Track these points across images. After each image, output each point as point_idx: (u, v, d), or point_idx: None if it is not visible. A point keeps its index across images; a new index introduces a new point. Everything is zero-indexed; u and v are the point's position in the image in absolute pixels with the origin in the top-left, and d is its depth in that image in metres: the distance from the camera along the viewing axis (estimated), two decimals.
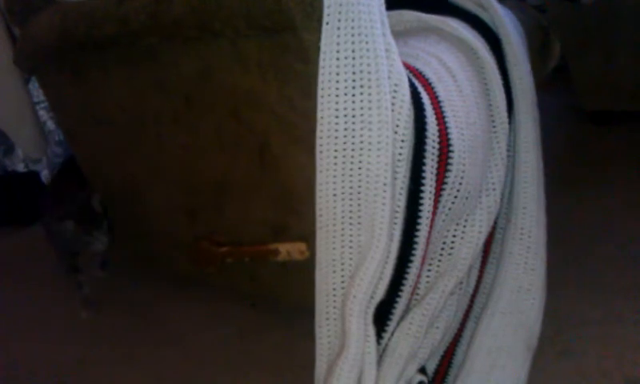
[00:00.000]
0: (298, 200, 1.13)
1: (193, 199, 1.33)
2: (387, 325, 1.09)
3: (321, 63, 0.98)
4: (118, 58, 1.26)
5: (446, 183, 1.10)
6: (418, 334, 1.09)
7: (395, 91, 1.02)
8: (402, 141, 1.02)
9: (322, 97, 0.99)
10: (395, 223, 1.03)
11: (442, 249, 1.16)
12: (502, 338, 1.16)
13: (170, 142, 1.29)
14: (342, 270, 1.04)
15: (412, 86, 1.07)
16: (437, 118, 1.08)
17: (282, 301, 1.37)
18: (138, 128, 1.33)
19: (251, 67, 1.08)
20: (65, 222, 1.50)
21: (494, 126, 1.28)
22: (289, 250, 1.14)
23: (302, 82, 1.02)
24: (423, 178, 1.06)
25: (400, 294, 1.08)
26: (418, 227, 1.06)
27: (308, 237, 1.12)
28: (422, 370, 1.13)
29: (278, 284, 1.31)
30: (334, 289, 1.05)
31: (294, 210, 1.14)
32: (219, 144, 1.19)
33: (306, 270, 1.08)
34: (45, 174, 2.12)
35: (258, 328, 1.38)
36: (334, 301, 1.05)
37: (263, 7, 1.00)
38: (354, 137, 0.99)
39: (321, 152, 1.01)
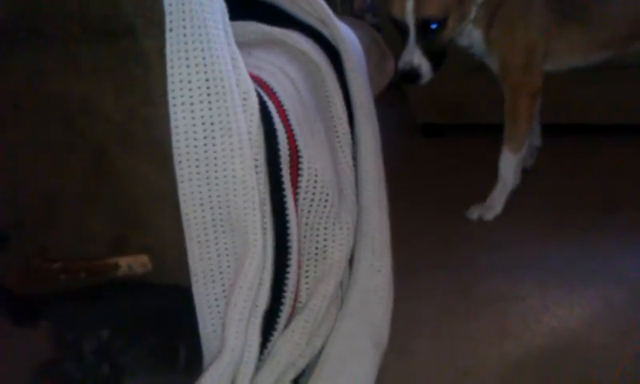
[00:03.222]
0: (139, 211, 1.08)
1: (21, 213, 1.22)
2: (272, 335, 1.08)
3: (169, 71, 0.95)
4: None
5: (299, 187, 1.13)
6: (299, 341, 1.10)
7: (245, 100, 1.03)
8: (258, 147, 1.03)
9: (175, 106, 0.96)
10: (265, 228, 1.03)
11: (316, 254, 1.18)
12: (350, 339, 1.20)
13: None
14: (222, 279, 1.02)
15: (258, 95, 1.08)
16: (283, 125, 1.11)
17: None
18: None
19: (86, 73, 1.01)
20: None
21: (337, 136, 1.34)
22: (130, 263, 1.09)
23: (142, 88, 0.98)
24: (283, 182, 1.08)
25: (283, 301, 1.08)
26: (289, 231, 1.08)
27: (151, 248, 1.07)
28: (295, 381, 1.13)
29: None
30: (217, 299, 1.02)
31: (136, 222, 1.09)
32: (51, 154, 1.11)
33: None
34: None
35: None
36: (218, 312, 1.02)
37: (99, 11, 0.94)
38: (214, 144, 0.98)
39: (180, 162, 0.98)
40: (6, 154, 1.15)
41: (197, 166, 0.98)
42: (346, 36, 1.42)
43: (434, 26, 1.66)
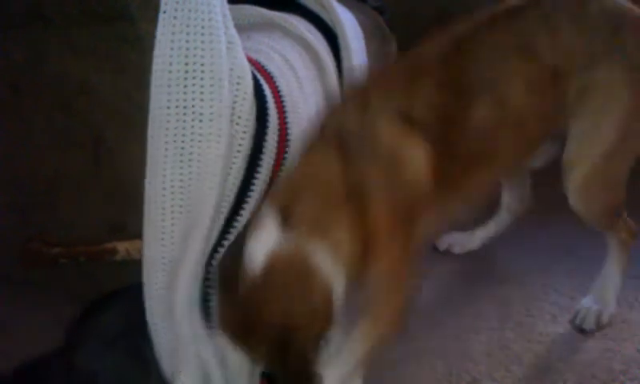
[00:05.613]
0: (136, 196, 1.09)
1: (22, 196, 1.23)
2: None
3: (155, 52, 0.95)
4: None
5: (283, 165, 1.12)
6: None
7: (238, 84, 1.02)
8: (244, 132, 1.03)
9: (155, 87, 0.96)
10: (222, 211, 1.03)
11: None
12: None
13: None
14: (169, 267, 1.01)
15: (254, 79, 1.08)
16: (277, 110, 1.10)
17: None
18: None
19: (85, 56, 1.02)
20: None
21: None
22: (128, 248, 1.09)
23: (137, 72, 0.99)
24: (259, 166, 1.07)
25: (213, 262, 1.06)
26: (241, 213, 1.06)
27: None
28: None
29: (117, 284, 1.24)
30: (159, 288, 1.01)
31: (133, 207, 1.10)
32: (50, 137, 1.12)
33: None
34: None
35: None
36: (162, 300, 1.01)
37: None
38: (184, 128, 0.97)
39: (152, 144, 0.97)
40: (6, 137, 1.16)
41: (165, 149, 0.97)
42: (345, 21, 1.41)
43: None
